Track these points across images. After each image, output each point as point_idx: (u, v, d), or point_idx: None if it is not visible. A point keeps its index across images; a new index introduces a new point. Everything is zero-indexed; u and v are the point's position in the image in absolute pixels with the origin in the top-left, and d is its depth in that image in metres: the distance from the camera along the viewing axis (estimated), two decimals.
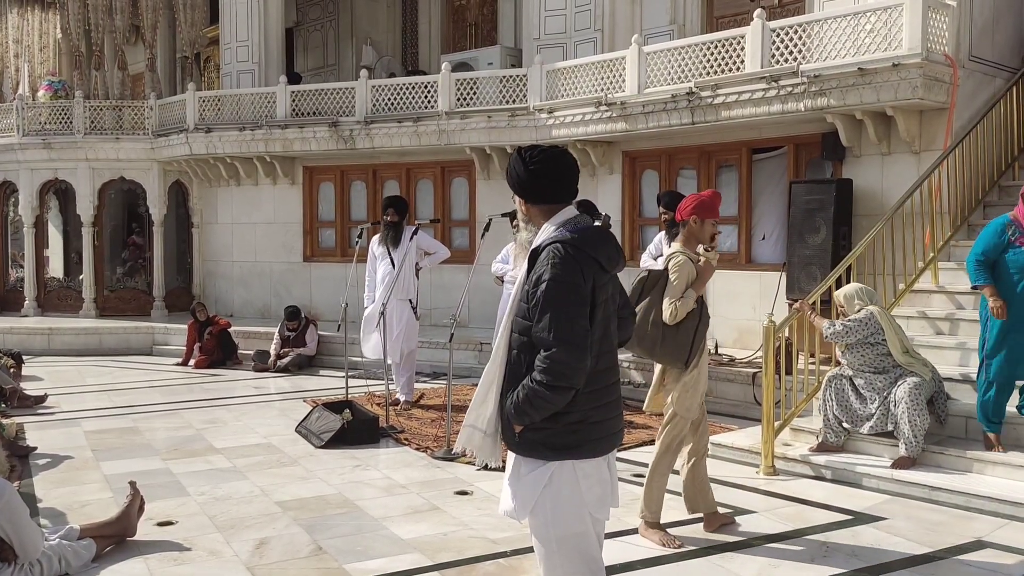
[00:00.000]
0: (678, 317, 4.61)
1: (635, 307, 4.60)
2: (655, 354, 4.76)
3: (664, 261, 4.85)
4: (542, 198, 3.00)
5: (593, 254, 2.88)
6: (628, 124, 9.84)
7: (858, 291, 6.19)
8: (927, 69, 7.54)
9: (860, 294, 6.15)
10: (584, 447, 2.92)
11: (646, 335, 4.67)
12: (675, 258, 4.71)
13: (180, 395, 9.59)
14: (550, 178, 2.98)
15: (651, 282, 4.74)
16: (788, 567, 4.46)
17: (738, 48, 8.78)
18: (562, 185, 3.01)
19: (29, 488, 5.86)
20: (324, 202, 13.55)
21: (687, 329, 4.67)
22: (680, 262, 4.68)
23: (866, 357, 5.98)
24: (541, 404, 2.82)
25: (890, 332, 5.94)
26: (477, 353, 10.59)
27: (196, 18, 15.54)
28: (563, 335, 2.76)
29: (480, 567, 4.46)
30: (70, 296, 14.80)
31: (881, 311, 6.05)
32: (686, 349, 4.68)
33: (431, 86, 11.66)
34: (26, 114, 14.44)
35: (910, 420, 5.70)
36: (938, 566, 4.46)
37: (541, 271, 2.84)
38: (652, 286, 4.73)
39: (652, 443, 6.95)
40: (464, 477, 6.13)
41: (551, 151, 3.03)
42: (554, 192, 3.00)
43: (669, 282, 4.68)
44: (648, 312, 4.68)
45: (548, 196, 3.00)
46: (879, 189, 8.49)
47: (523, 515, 2.99)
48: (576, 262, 2.82)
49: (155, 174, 14.35)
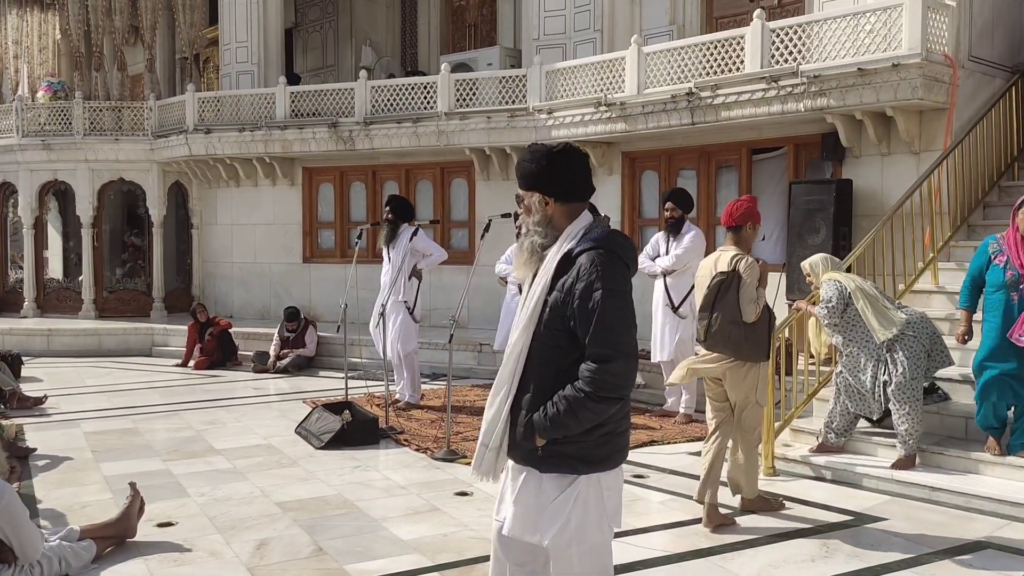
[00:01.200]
0: (758, 315, 4.96)
1: (711, 308, 5.01)
2: (741, 351, 5.02)
3: (727, 264, 5.04)
4: (572, 194, 2.85)
5: (627, 259, 2.81)
6: (628, 124, 9.83)
7: (823, 259, 6.15)
8: (927, 69, 7.54)
9: (825, 262, 6.10)
10: (613, 458, 2.84)
11: (731, 335, 4.99)
12: (744, 261, 5.01)
13: (180, 396, 9.59)
14: (581, 171, 2.86)
15: (724, 286, 5.02)
16: (789, 568, 4.45)
17: (738, 48, 8.78)
18: (589, 180, 2.90)
19: (29, 489, 5.86)
20: (323, 203, 13.55)
21: (763, 325, 5.04)
22: (750, 264, 5.01)
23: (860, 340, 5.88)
24: (587, 416, 2.70)
25: (861, 300, 5.76)
26: (477, 354, 10.59)
27: (195, 19, 15.55)
28: (622, 347, 2.69)
29: (480, 568, 4.45)
30: (69, 297, 14.80)
31: (846, 275, 5.96)
32: (766, 343, 5.09)
33: (430, 87, 11.66)
34: (25, 115, 14.44)
35: (908, 417, 5.69)
36: (938, 567, 4.46)
37: (590, 279, 2.69)
38: (726, 289, 5.01)
39: (652, 444, 7.03)
40: (464, 478, 6.12)
41: (571, 145, 2.91)
42: (582, 187, 2.87)
43: (743, 283, 4.97)
44: (728, 314, 4.98)
45: (576, 192, 2.86)
46: (879, 189, 8.49)
47: (548, 536, 2.80)
48: (623, 269, 2.76)
49: (154, 175, 14.35)
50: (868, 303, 5.79)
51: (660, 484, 5.97)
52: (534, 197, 2.87)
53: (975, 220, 8.08)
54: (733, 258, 5.04)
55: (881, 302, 5.83)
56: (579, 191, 2.87)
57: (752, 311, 4.98)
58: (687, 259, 7.79)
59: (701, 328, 5.14)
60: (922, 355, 5.76)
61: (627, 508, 5.33)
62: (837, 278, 5.93)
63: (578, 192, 2.87)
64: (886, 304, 5.85)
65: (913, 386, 5.70)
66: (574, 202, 2.86)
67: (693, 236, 7.83)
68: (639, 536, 4.92)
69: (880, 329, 5.74)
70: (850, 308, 5.85)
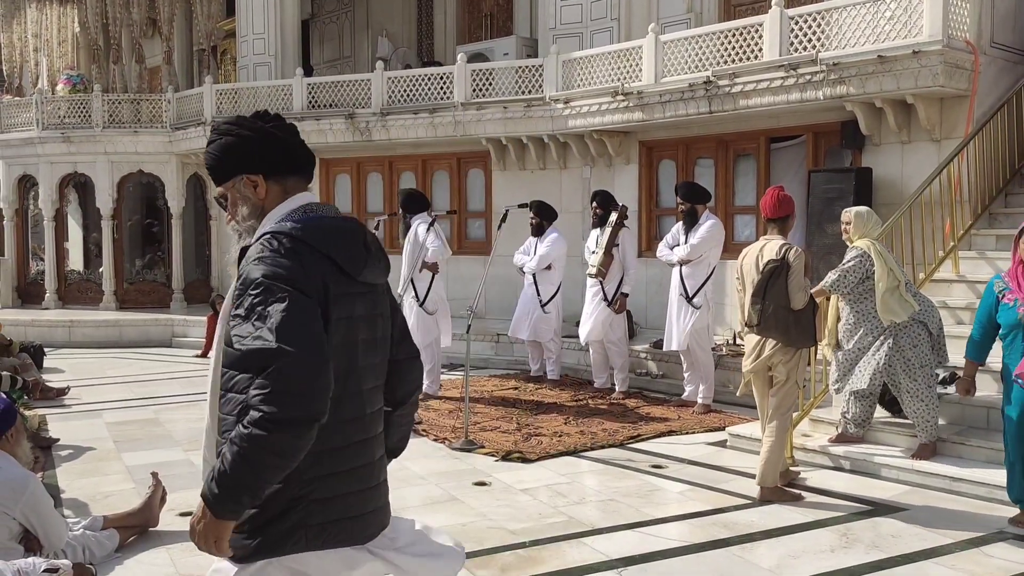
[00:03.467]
0: (806, 302, 5.22)
1: (763, 295, 5.20)
2: (790, 337, 5.23)
3: (775, 253, 5.21)
4: (283, 167, 2.28)
5: (324, 250, 2.15)
6: (645, 114, 9.79)
7: (868, 214, 5.98)
8: (948, 56, 7.46)
9: (868, 219, 5.92)
10: (317, 536, 2.12)
11: (780, 320, 5.21)
12: (793, 250, 5.22)
13: (200, 386, 9.63)
14: (290, 135, 2.32)
15: (776, 274, 5.19)
16: (808, 558, 4.44)
17: (756, 36, 8.71)
18: (304, 147, 2.34)
19: (52, 479, 5.92)
20: (340, 194, 13.58)
21: (809, 311, 5.28)
22: (798, 253, 5.22)
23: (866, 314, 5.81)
24: (266, 459, 1.93)
25: (880, 266, 5.69)
26: (494, 344, 10.61)
27: (212, 11, 15.59)
28: (289, 338, 1.96)
29: (499, 558, 4.47)
30: (90, 289, 14.93)
31: (877, 249, 5.78)
32: (812, 329, 5.33)
33: (447, 77, 11.65)
34: (45, 108, 14.55)
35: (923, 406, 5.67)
36: (958, 557, 4.44)
37: (246, 270, 2.10)
38: (777, 277, 5.19)
39: (670, 434, 7.02)
40: (482, 468, 6.15)
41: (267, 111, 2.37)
42: (297, 155, 2.31)
43: (792, 271, 5.17)
44: (779, 300, 5.18)
45: (289, 165, 2.29)
46: (899, 178, 8.42)
47: None
48: (298, 256, 2.11)
49: (173, 167, 14.43)
50: (888, 283, 5.69)
51: (678, 474, 5.96)
52: (238, 184, 2.28)
53: (996, 208, 8.00)
54: (781, 247, 5.22)
55: (902, 287, 5.78)
56: (294, 160, 2.31)
57: (801, 298, 5.20)
58: (703, 249, 7.77)
59: (754, 314, 5.29)
60: (927, 343, 5.75)
61: (645, 499, 5.38)
62: (866, 249, 5.78)
63: (292, 164, 2.31)
64: (904, 291, 5.79)
65: (923, 374, 5.68)
66: (289, 177, 2.30)
67: (711, 226, 7.80)
68: (657, 527, 4.92)
69: (888, 313, 5.69)
70: (866, 282, 5.76)
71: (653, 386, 8.93)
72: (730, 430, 6.89)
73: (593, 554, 4.49)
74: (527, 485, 5.72)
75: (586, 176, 11.25)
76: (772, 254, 5.23)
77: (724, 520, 5.01)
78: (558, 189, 11.47)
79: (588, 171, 11.23)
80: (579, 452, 6.51)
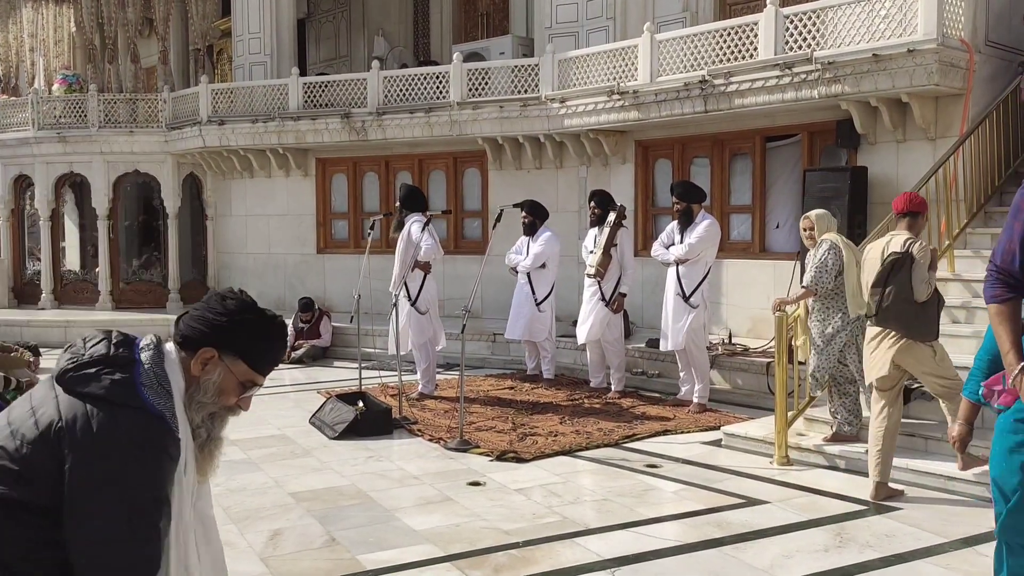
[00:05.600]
0: (929, 295, 5.27)
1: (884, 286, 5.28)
2: (912, 330, 5.26)
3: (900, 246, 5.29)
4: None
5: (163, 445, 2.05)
6: (641, 113, 9.78)
7: (827, 216, 6.23)
8: (943, 55, 7.46)
9: (828, 219, 6.18)
10: None
11: (902, 312, 5.25)
12: (919, 244, 5.31)
13: None
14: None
15: (898, 265, 5.26)
16: (802, 557, 4.44)
17: (751, 35, 8.71)
18: None
19: None
20: (337, 193, 13.57)
21: (932, 306, 5.34)
22: (924, 247, 5.31)
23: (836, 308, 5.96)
24: None
25: (848, 256, 5.89)
26: (490, 344, 10.60)
27: (208, 10, 15.58)
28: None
29: (492, 558, 4.47)
30: (86, 289, 14.91)
31: (843, 241, 6.02)
32: (935, 322, 5.39)
33: (443, 76, 11.63)
34: (41, 108, 14.52)
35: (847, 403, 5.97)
36: (953, 556, 4.43)
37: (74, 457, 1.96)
38: (899, 269, 5.26)
39: (665, 433, 7.01)
40: (477, 468, 6.14)
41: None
42: None
43: (916, 264, 5.24)
44: (900, 292, 5.24)
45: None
46: (894, 176, 8.42)
47: None
48: (154, 452, 2.03)
49: (169, 167, 14.40)
50: (856, 275, 5.85)
51: (673, 474, 5.95)
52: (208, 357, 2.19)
53: (992, 207, 8.00)
54: (906, 241, 5.31)
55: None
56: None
57: (924, 290, 5.26)
58: (699, 248, 7.76)
59: (873, 303, 5.36)
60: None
61: (640, 498, 5.37)
62: (836, 242, 5.98)
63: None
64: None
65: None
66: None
67: (707, 226, 7.79)
68: (652, 526, 4.92)
69: (857, 307, 5.83)
70: (839, 277, 5.93)
71: (649, 385, 8.92)
72: (725, 429, 6.89)
73: (586, 554, 4.49)
74: (522, 485, 5.72)
75: (582, 175, 11.24)
76: (897, 247, 5.33)
77: (718, 520, 5.01)
78: (554, 189, 11.46)
79: (584, 170, 11.23)
80: (574, 452, 6.51)
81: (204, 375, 2.18)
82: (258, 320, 2.24)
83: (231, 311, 2.21)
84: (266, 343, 2.26)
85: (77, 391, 2.00)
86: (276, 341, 2.30)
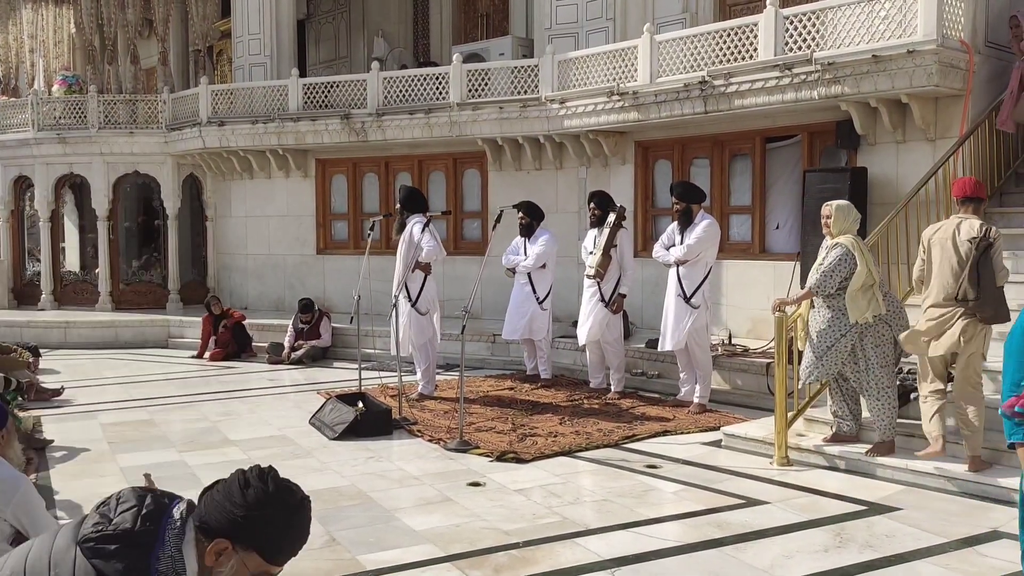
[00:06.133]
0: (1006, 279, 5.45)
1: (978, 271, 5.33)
2: (999, 312, 5.38)
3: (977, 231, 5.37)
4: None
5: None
6: (640, 114, 9.79)
7: (849, 208, 6.10)
8: (942, 55, 7.46)
9: (847, 213, 6.04)
10: None
11: (992, 296, 5.36)
12: (993, 228, 5.43)
13: (195, 388, 9.65)
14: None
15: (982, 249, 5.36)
16: (802, 558, 4.44)
17: (751, 36, 8.71)
18: None
19: (46, 481, 5.91)
20: (337, 194, 13.57)
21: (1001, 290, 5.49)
22: (997, 231, 5.42)
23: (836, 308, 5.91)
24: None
25: (862, 263, 5.80)
26: (490, 344, 10.60)
27: (208, 11, 15.58)
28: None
29: (492, 558, 4.47)
30: (86, 290, 14.91)
31: (856, 241, 5.93)
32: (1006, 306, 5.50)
33: (442, 77, 11.64)
34: (41, 109, 14.52)
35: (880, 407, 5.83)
36: (953, 556, 4.44)
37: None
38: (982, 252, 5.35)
39: (665, 434, 7.01)
40: (477, 468, 6.14)
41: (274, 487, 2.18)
42: None
43: (995, 249, 5.36)
44: (988, 277, 5.34)
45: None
46: (894, 177, 8.42)
47: None
48: None
49: (169, 168, 14.40)
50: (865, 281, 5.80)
51: (673, 474, 5.95)
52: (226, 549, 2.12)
53: (991, 208, 7.98)
54: (982, 226, 5.39)
55: (876, 286, 5.88)
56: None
57: (1004, 275, 5.41)
58: (698, 249, 7.76)
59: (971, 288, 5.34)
60: (890, 343, 5.86)
61: (639, 499, 5.37)
62: (850, 247, 5.87)
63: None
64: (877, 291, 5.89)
65: (885, 374, 5.81)
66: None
67: (707, 226, 7.79)
68: (652, 526, 4.92)
69: (855, 312, 5.80)
70: (845, 281, 5.86)
71: (649, 386, 8.92)
72: (725, 430, 6.89)
73: (586, 554, 4.49)
74: (521, 485, 5.72)
75: (582, 176, 11.24)
76: (975, 231, 5.36)
77: (718, 520, 5.01)
78: (554, 189, 11.47)
79: (584, 171, 11.23)
80: (574, 452, 6.51)
81: (217, 566, 2.11)
82: (278, 514, 2.14)
83: (250, 504, 2.12)
84: (285, 537, 2.17)
85: (93, 563, 2.02)
86: (297, 531, 2.20)
